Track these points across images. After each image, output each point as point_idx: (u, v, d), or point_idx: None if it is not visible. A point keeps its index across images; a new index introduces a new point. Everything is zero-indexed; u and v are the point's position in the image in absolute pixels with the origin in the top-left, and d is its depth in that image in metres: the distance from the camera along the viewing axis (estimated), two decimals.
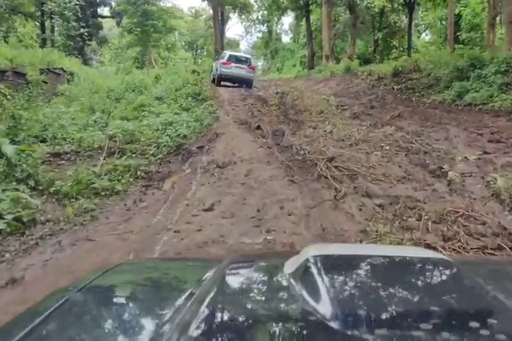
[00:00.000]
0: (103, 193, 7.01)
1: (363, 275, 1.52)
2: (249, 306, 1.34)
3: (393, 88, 17.39)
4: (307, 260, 1.44)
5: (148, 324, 1.25)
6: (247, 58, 22.79)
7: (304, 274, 1.38)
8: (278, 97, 16.82)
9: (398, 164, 7.80)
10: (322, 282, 1.27)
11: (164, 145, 9.53)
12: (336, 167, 7.46)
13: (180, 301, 1.28)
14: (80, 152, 9.30)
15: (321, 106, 14.82)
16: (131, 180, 7.74)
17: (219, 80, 20.98)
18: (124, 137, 10.71)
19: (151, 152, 9.29)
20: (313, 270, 1.37)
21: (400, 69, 18.20)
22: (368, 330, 1.03)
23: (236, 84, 20.93)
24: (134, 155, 9.22)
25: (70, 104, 14.94)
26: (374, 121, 12.56)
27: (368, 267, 1.59)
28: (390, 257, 1.63)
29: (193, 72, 24.04)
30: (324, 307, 1.12)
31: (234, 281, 1.58)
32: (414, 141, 9.04)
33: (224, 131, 10.71)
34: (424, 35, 47.46)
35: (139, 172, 7.97)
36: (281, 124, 12.04)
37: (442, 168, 7.26)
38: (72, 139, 10.01)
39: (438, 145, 8.77)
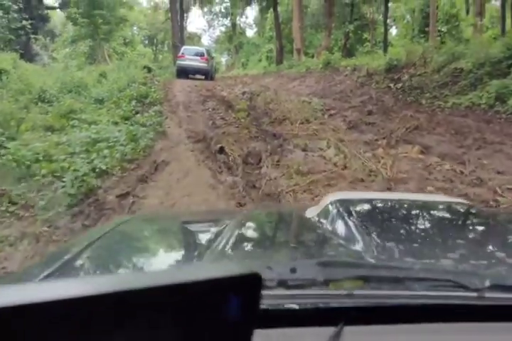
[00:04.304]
0: None
1: (385, 215, 1.62)
2: (272, 240, 1.47)
3: (389, 87, 13.72)
4: (329, 204, 1.47)
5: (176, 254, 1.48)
6: (200, 51, 24.62)
7: (327, 216, 1.41)
8: (246, 99, 13.24)
9: None
10: (346, 222, 1.28)
11: (66, 191, 5.68)
12: None
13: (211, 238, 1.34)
14: None
15: (304, 111, 11.25)
16: None
17: (177, 73, 22.36)
18: (17, 169, 7.00)
19: (43, 203, 5.50)
20: (337, 212, 1.39)
21: (396, 62, 14.60)
22: (399, 261, 1.07)
23: (193, 75, 22.10)
24: (12, 209, 5.48)
25: None
26: (381, 134, 9.04)
27: (389, 208, 1.67)
28: (411, 200, 1.78)
29: (144, 67, 20.56)
30: (351, 244, 1.15)
31: (254, 225, 1.64)
32: (477, 181, 5.42)
33: (169, 157, 6.87)
34: (393, 29, 44.78)
35: None
36: (254, 141, 8.42)
37: None
38: None
39: None
